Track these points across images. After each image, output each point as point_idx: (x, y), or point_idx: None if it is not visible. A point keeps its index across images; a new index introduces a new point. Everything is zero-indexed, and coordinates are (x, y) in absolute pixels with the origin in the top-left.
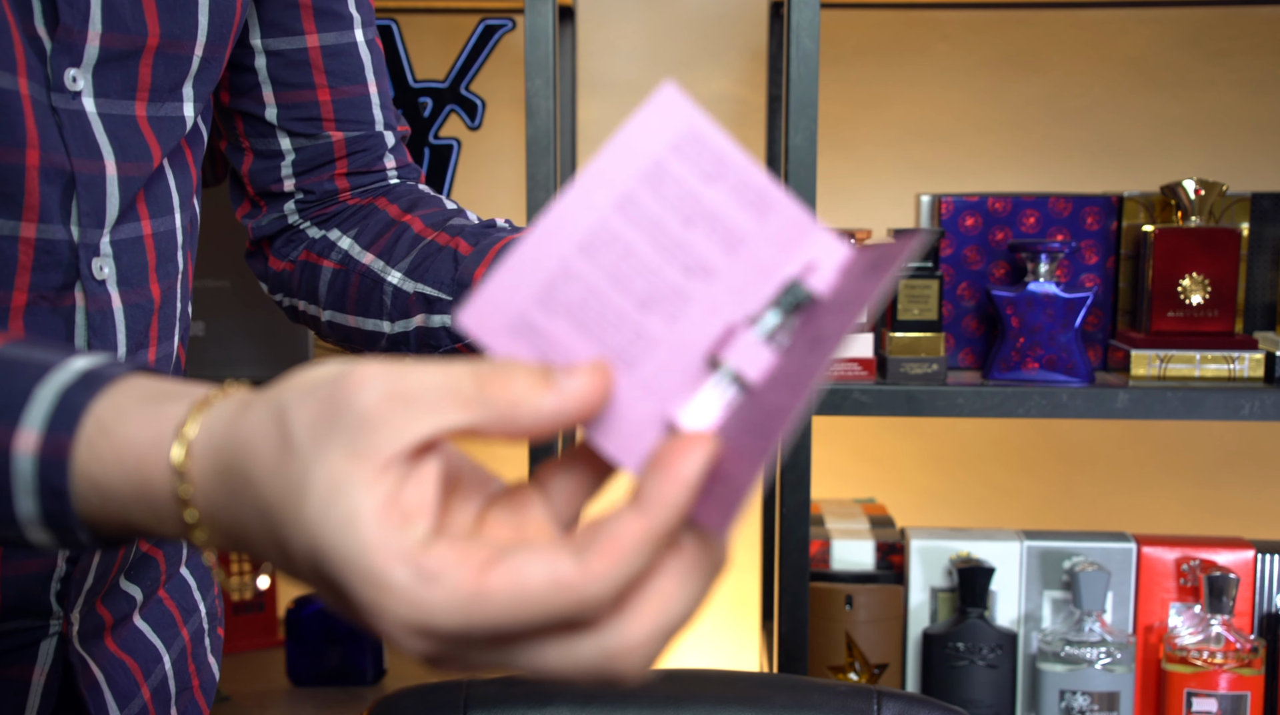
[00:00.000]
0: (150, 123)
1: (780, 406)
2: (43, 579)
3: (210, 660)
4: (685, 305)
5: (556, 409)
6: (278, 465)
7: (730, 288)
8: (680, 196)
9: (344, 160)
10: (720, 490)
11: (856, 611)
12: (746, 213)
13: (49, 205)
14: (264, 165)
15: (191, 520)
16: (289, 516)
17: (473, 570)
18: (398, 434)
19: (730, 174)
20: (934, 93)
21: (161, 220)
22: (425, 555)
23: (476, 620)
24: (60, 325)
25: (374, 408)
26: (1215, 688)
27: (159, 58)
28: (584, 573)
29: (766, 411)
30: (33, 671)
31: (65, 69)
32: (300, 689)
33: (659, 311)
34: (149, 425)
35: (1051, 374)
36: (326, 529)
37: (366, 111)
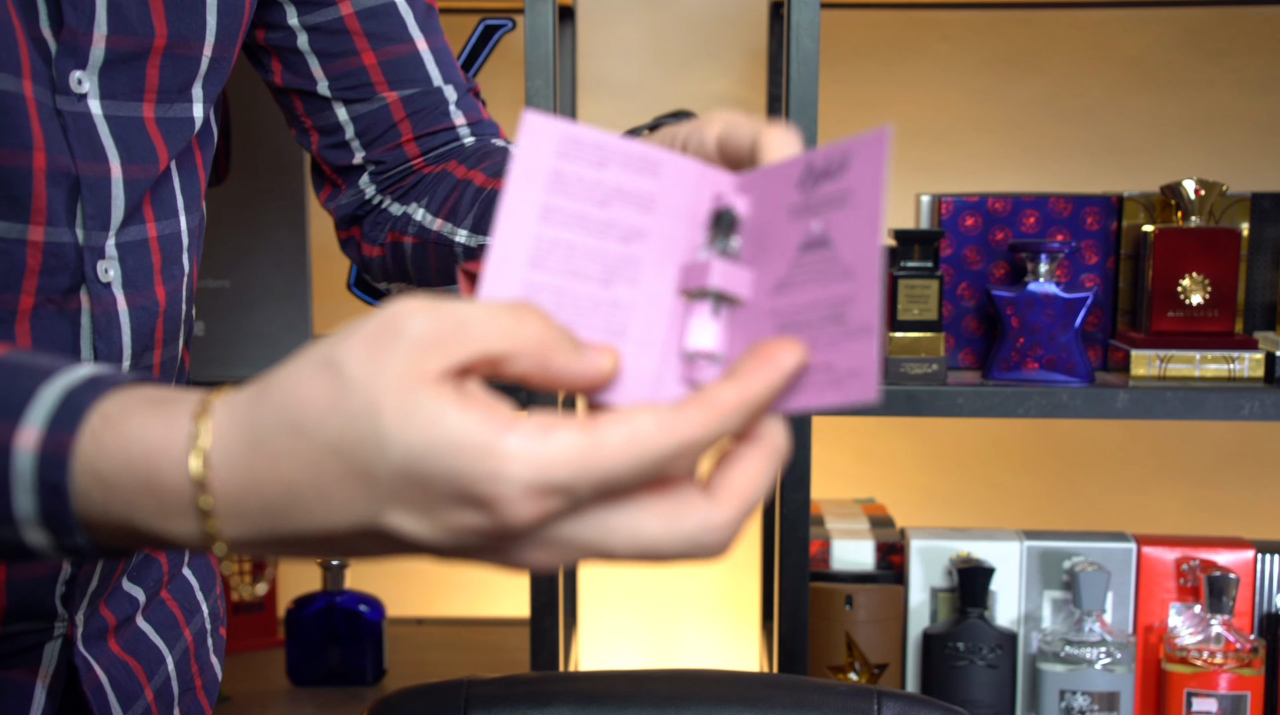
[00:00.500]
0: (158, 124)
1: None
2: (47, 581)
3: (213, 660)
4: (638, 266)
5: (582, 371)
6: (335, 402)
7: (665, 237)
8: (586, 188)
9: (406, 123)
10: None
11: (856, 611)
12: (643, 177)
13: (55, 208)
14: (330, 141)
15: (213, 531)
16: (368, 442)
17: (581, 424)
18: (452, 352)
19: (613, 154)
20: (934, 93)
21: (167, 223)
22: (528, 420)
23: (595, 465)
24: (66, 328)
25: (426, 331)
26: (1215, 688)
27: (167, 59)
28: (688, 420)
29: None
30: (37, 674)
31: (70, 71)
32: (300, 689)
33: (620, 281)
34: (156, 421)
35: (1051, 374)
36: (415, 433)
37: (419, 69)
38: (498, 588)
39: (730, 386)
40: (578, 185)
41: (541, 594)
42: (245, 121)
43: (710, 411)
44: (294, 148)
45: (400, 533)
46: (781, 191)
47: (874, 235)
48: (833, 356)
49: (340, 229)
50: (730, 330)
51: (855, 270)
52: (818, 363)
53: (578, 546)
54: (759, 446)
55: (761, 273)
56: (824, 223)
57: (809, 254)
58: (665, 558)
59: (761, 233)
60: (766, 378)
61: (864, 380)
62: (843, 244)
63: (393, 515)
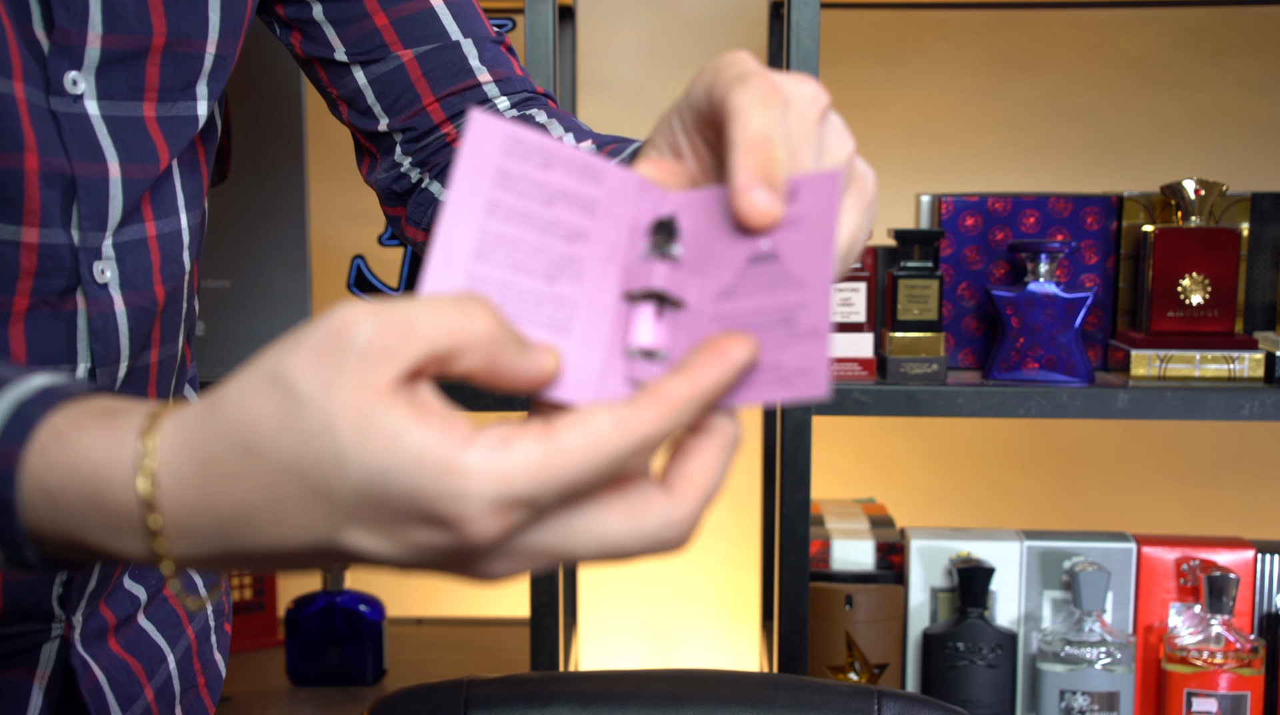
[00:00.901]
0: (160, 123)
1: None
2: (44, 583)
3: (216, 657)
4: (581, 265)
5: (526, 370)
6: (287, 421)
7: (608, 241)
8: (531, 186)
9: (424, 82)
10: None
11: (856, 611)
12: (586, 182)
13: (50, 209)
14: (355, 108)
15: (161, 551)
16: (325, 462)
17: (539, 433)
18: (402, 356)
19: (558, 158)
20: (934, 93)
21: (166, 221)
22: (485, 434)
23: (556, 473)
24: (61, 330)
25: (373, 339)
26: (1215, 688)
27: (168, 57)
28: (643, 416)
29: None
30: (34, 675)
31: (65, 72)
32: (300, 689)
33: (564, 278)
34: (103, 437)
35: (1051, 374)
36: (374, 452)
37: (433, 24)
38: (498, 588)
39: (681, 380)
40: (524, 183)
41: (541, 594)
42: (246, 121)
43: (663, 406)
44: (294, 147)
45: (360, 550)
46: (725, 211)
47: (827, 251)
48: (782, 356)
49: (386, 205)
50: (673, 332)
51: (806, 281)
52: (766, 362)
53: (542, 553)
54: (712, 438)
55: (705, 279)
56: (773, 242)
57: (757, 267)
58: (629, 556)
59: (703, 246)
60: (717, 370)
61: (814, 377)
62: (793, 259)
63: (352, 534)
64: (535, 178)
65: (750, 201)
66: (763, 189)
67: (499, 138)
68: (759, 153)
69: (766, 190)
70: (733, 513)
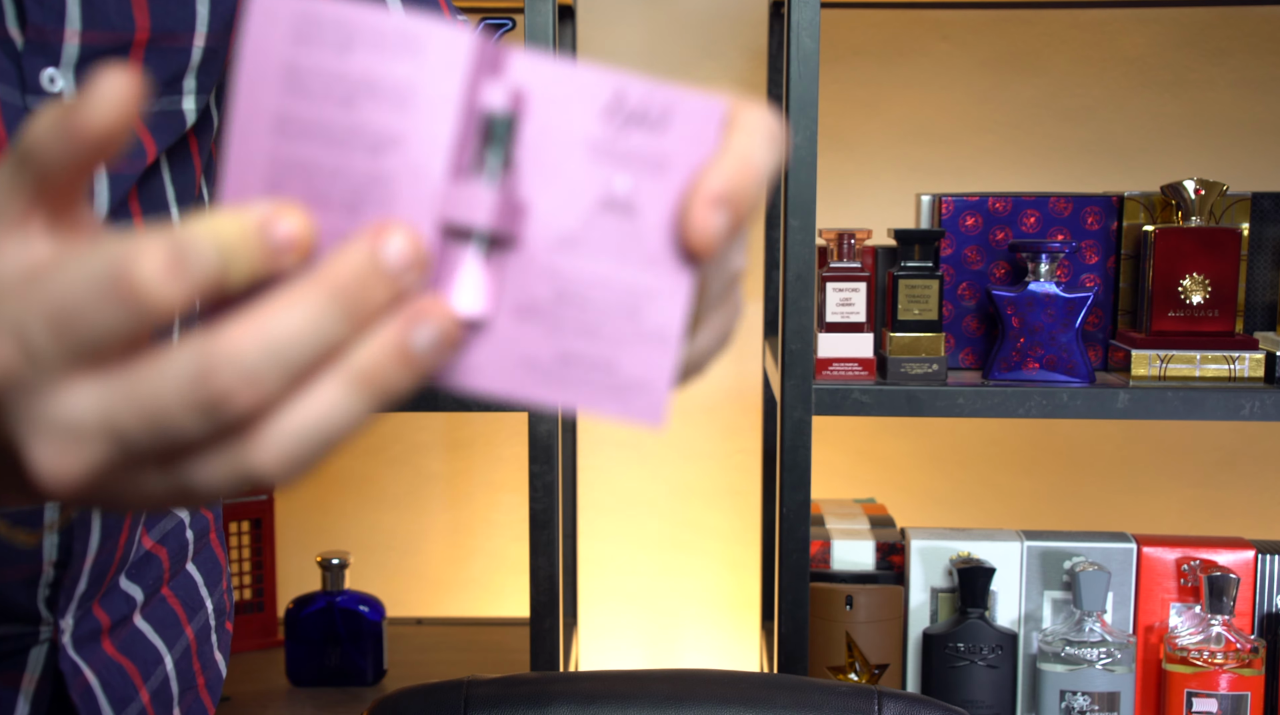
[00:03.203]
0: (143, 119)
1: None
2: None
3: (217, 657)
4: (389, 186)
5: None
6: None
7: (426, 142)
8: (327, 84)
9: None
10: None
11: (856, 611)
12: (400, 58)
13: None
14: None
15: None
16: None
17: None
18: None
19: (361, 33)
20: (934, 93)
21: (156, 216)
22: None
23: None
24: None
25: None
26: (1215, 688)
27: (151, 52)
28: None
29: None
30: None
31: (41, 69)
32: (300, 689)
33: (369, 207)
34: None
35: (1052, 374)
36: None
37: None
38: (498, 588)
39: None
40: (318, 80)
41: (541, 594)
42: None
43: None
44: None
45: None
46: (581, 111)
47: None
48: (618, 355)
49: None
50: (500, 279)
51: (663, 261)
52: (596, 357)
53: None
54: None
55: (545, 212)
56: (633, 184)
57: (608, 216)
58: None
59: (548, 156)
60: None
61: (651, 399)
62: (652, 220)
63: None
64: (332, 69)
65: (707, 217)
66: (727, 212)
67: (285, 20)
68: (744, 172)
69: (730, 215)
70: (733, 513)
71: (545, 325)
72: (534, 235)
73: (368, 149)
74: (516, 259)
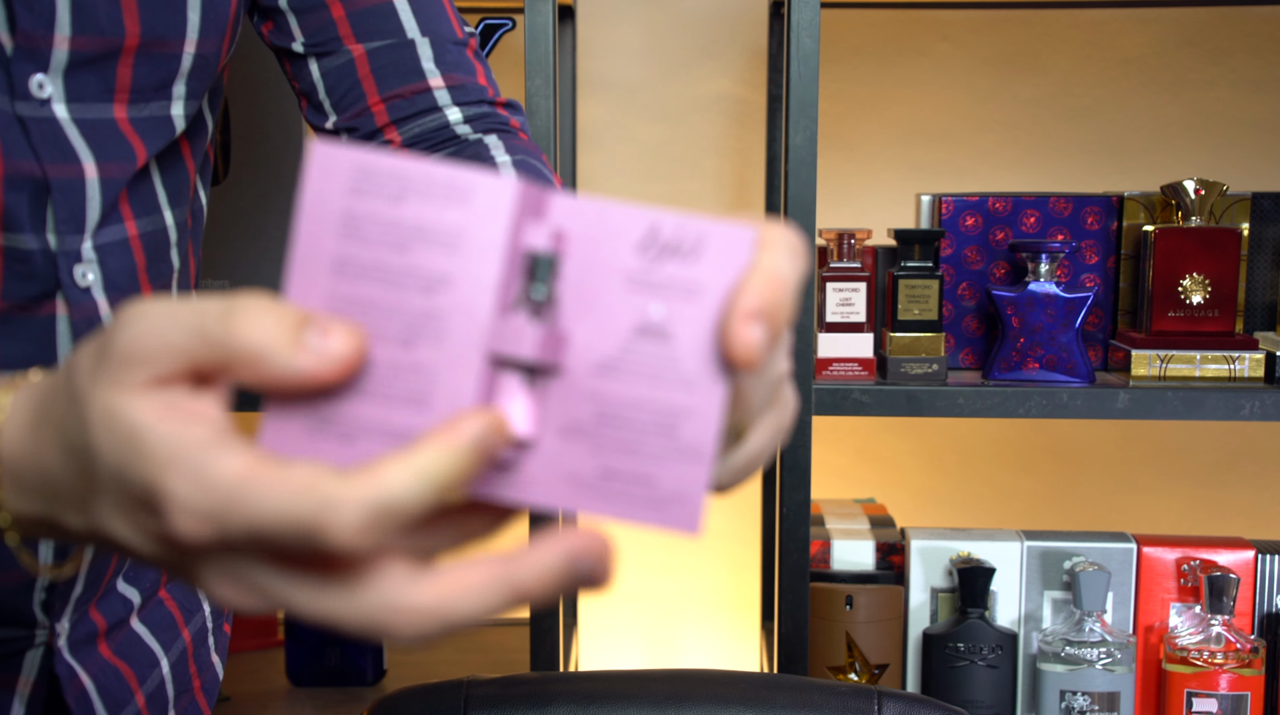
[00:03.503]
0: (133, 124)
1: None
2: (25, 589)
3: (214, 659)
4: (441, 322)
5: (305, 370)
6: (68, 407)
7: (474, 281)
8: (382, 230)
9: (370, 80)
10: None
11: (856, 611)
12: (450, 207)
13: (17, 214)
14: (311, 105)
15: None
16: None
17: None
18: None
19: (413, 183)
20: (934, 93)
21: (148, 219)
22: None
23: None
24: (36, 335)
25: (129, 345)
26: (1215, 688)
27: (141, 58)
28: (340, 481)
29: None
30: (16, 682)
31: (30, 75)
32: (300, 689)
33: (422, 341)
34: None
35: (1052, 374)
36: (117, 446)
37: (390, 19)
38: None
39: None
40: (374, 228)
41: None
42: (245, 121)
43: (367, 482)
44: (294, 147)
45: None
46: (618, 246)
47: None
48: (656, 471)
49: None
50: (544, 404)
51: (698, 381)
52: (636, 472)
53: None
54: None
55: (585, 340)
56: (667, 311)
57: (645, 342)
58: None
59: (588, 289)
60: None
61: (688, 510)
62: (686, 344)
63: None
64: (386, 217)
65: (748, 333)
66: (763, 326)
67: (343, 172)
68: (775, 287)
69: (766, 328)
70: (733, 513)
71: (588, 443)
72: (575, 362)
73: (421, 289)
74: (560, 384)
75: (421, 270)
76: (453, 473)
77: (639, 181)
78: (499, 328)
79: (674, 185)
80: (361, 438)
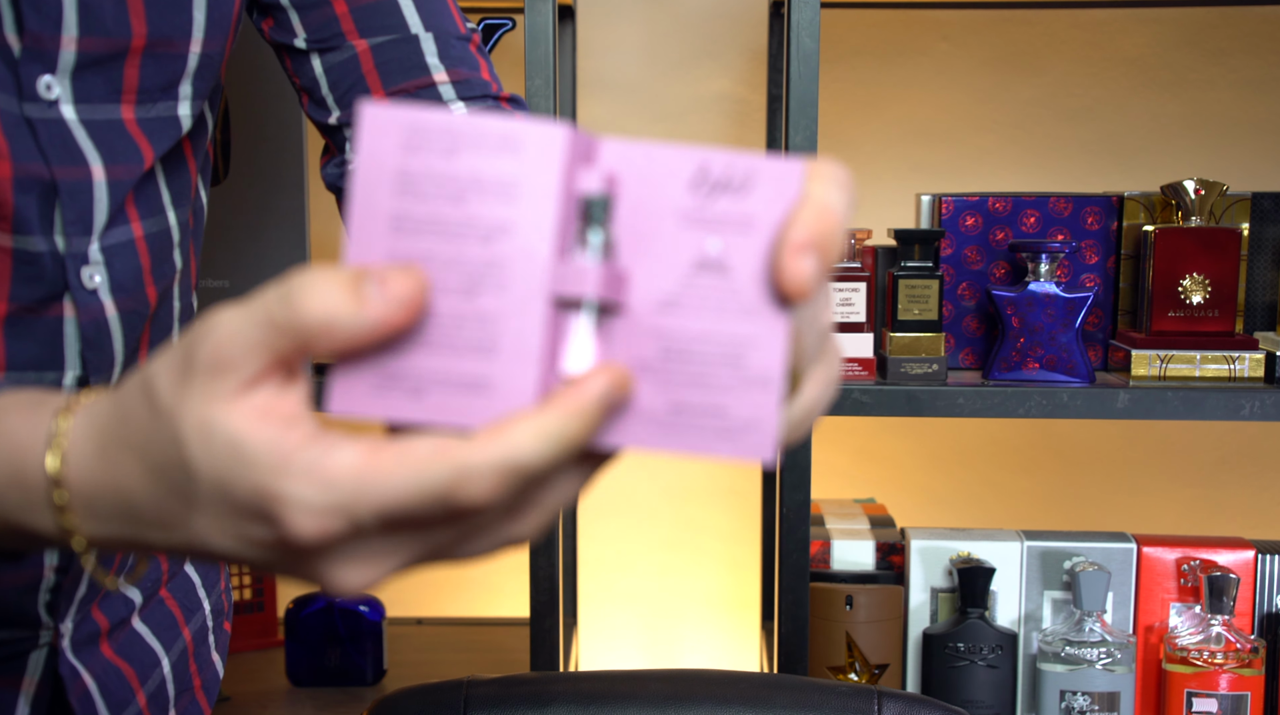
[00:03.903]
0: (140, 125)
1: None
2: (30, 590)
3: (214, 658)
4: (504, 268)
5: (372, 320)
6: (152, 429)
7: (534, 227)
8: (437, 183)
9: (375, 75)
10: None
11: (856, 611)
12: (503, 156)
13: (26, 216)
14: (313, 100)
15: (69, 526)
16: (180, 470)
17: (366, 446)
18: (236, 370)
19: (465, 137)
20: (934, 93)
21: (153, 220)
22: (319, 437)
23: (370, 486)
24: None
25: (212, 353)
26: (1215, 688)
27: (148, 58)
28: (469, 448)
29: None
30: (21, 682)
31: (38, 77)
32: (300, 689)
33: (485, 289)
34: (28, 418)
35: (1052, 374)
36: (217, 459)
37: (393, 14)
38: (498, 588)
39: (530, 415)
40: (428, 182)
41: (541, 594)
42: (245, 121)
43: (498, 443)
44: (294, 148)
45: (215, 548)
46: (669, 186)
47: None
48: (726, 400)
49: (339, 201)
50: (609, 344)
51: (759, 310)
52: (707, 404)
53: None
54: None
55: (644, 279)
56: (724, 244)
57: (704, 276)
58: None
59: (643, 229)
60: (569, 407)
61: (761, 436)
62: (745, 276)
63: (209, 533)
64: (441, 171)
65: (800, 264)
66: (815, 256)
67: (396, 130)
68: (825, 219)
69: (818, 259)
70: (733, 513)
71: (656, 380)
72: (637, 300)
73: (479, 238)
74: (623, 324)
75: (479, 220)
76: (579, 433)
77: None
78: (559, 270)
79: None
80: (431, 389)
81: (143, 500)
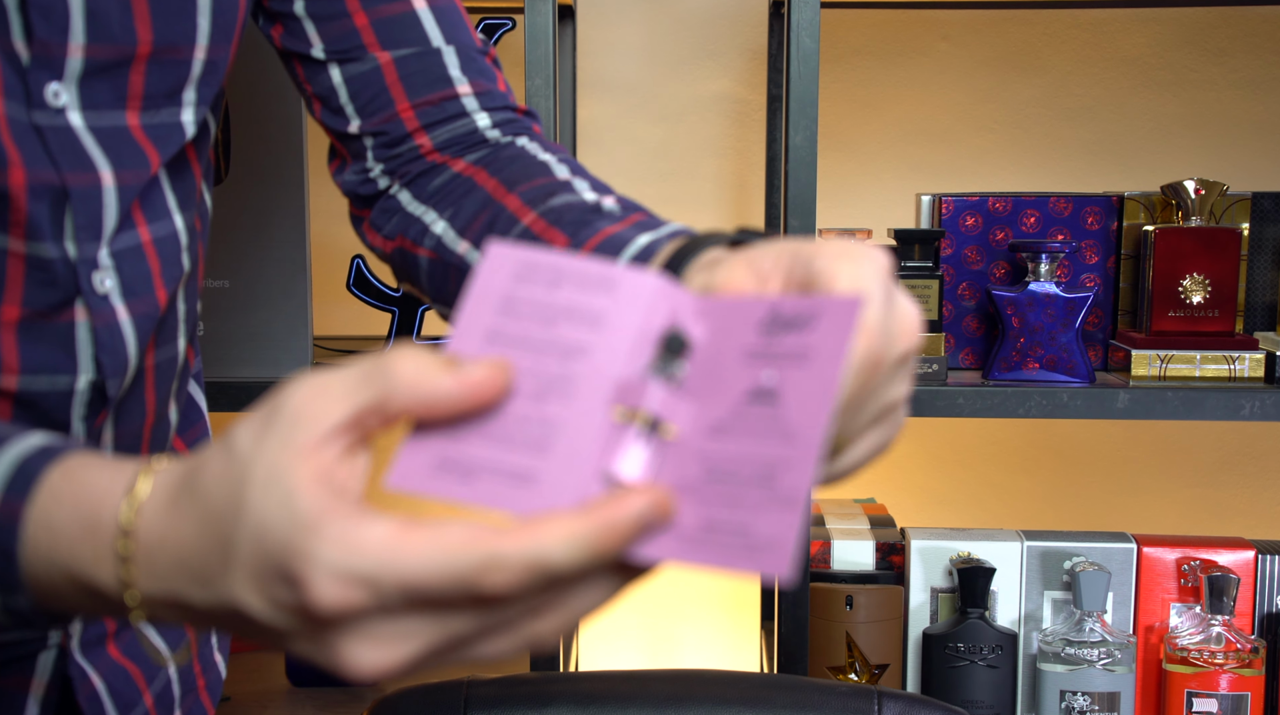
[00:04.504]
0: (145, 131)
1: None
2: None
3: (217, 659)
4: (573, 383)
5: (457, 388)
6: (223, 472)
7: (610, 352)
8: (534, 309)
9: (399, 87)
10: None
11: (856, 611)
12: (596, 295)
13: (38, 222)
14: (328, 108)
15: (128, 579)
16: (232, 509)
17: (400, 521)
18: (319, 420)
19: (569, 274)
20: (934, 93)
21: (160, 224)
22: (359, 510)
23: (395, 564)
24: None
25: (299, 404)
26: (1216, 688)
27: (153, 65)
28: (502, 538)
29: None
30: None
31: (46, 84)
32: (300, 689)
33: (553, 398)
34: (110, 470)
35: (1052, 374)
36: (268, 506)
37: (414, 28)
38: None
39: (565, 518)
40: (527, 307)
41: None
42: (245, 121)
43: (529, 538)
44: (294, 148)
45: (245, 606)
46: (741, 329)
47: (826, 404)
48: (752, 520)
49: (353, 207)
50: (659, 463)
51: (798, 435)
52: (734, 522)
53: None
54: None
55: (702, 409)
56: (778, 376)
57: (755, 405)
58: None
59: (712, 367)
60: (604, 518)
61: (779, 553)
62: (792, 404)
63: (241, 587)
64: (540, 299)
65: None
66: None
67: (512, 262)
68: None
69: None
70: None
71: (696, 500)
72: (692, 425)
73: (559, 355)
74: (676, 447)
75: (563, 341)
76: (609, 544)
77: (639, 181)
78: (629, 387)
79: (674, 185)
80: (480, 477)
81: (191, 551)
